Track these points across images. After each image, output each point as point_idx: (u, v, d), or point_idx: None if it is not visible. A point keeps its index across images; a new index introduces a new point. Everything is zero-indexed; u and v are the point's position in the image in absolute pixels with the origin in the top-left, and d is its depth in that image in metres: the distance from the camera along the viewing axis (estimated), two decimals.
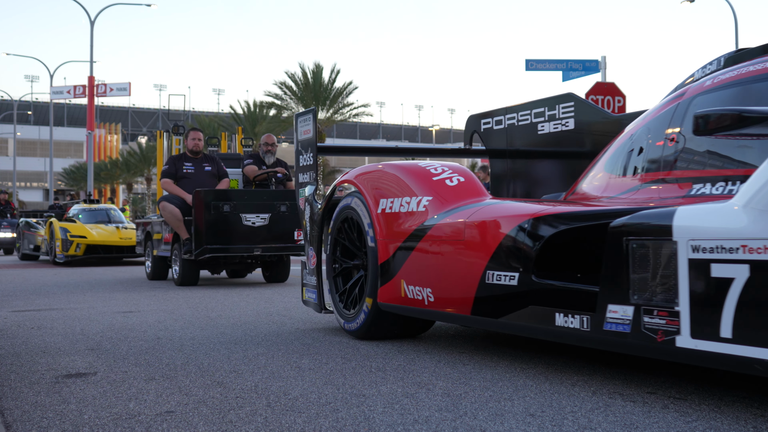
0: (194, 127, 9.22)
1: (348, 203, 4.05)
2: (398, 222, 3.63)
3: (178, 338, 4.08)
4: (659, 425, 2.17)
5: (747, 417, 2.25)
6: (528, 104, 4.86)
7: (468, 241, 3.18)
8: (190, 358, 3.44)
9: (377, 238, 3.72)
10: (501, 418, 2.28)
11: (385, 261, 3.67)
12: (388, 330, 3.85)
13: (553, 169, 4.86)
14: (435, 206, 3.49)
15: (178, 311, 5.49)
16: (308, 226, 4.52)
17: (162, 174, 8.56)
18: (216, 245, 7.74)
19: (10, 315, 5.40)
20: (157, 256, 9.12)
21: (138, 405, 2.53)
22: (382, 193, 3.80)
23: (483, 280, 3.06)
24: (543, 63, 20.30)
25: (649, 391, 2.61)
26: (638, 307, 2.38)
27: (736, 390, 2.59)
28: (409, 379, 2.89)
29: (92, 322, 4.89)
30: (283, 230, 8.00)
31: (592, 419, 2.26)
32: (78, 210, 15.26)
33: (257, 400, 2.56)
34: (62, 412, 2.45)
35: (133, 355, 3.55)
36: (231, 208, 7.80)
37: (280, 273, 8.57)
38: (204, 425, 2.26)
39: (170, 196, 8.27)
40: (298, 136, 4.74)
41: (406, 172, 3.78)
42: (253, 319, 4.95)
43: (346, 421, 2.28)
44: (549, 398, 2.53)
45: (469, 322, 3.24)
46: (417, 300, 3.47)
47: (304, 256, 4.63)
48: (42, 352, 3.66)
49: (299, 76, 35.77)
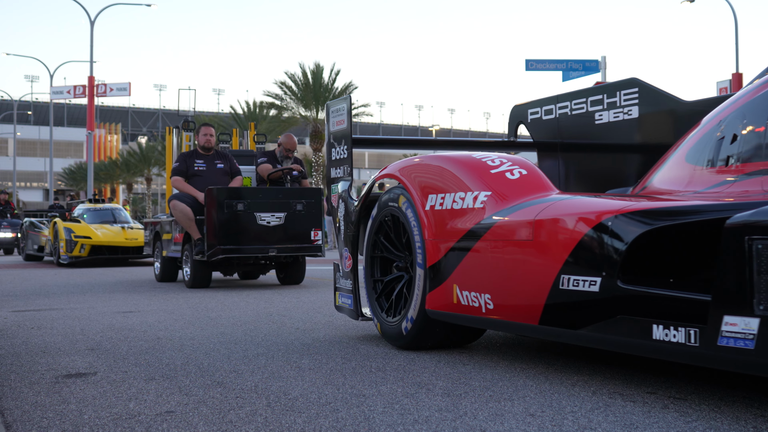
0: (206, 123, 8.68)
1: (390, 199, 3.72)
2: (451, 220, 3.28)
3: (178, 338, 4.08)
4: (659, 425, 2.17)
5: (747, 417, 2.24)
6: (583, 91, 4.43)
7: (538, 242, 2.82)
8: (190, 358, 3.44)
9: (425, 237, 3.38)
10: (501, 418, 2.28)
11: (434, 263, 3.33)
12: (436, 339, 3.52)
13: (612, 162, 4.38)
14: (494, 202, 3.14)
15: (178, 311, 5.49)
16: (342, 225, 4.15)
17: (172, 171, 8.18)
18: (229, 245, 7.40)
19: (10, 315, 5.40)
20: (167, 257, 8.76)
21: (138, 405, 2.53)
22: (431, 188, 3.45)
23: (556, 285, 2.71)
24: (543, 63, 20.32)
25: (649, 391, 2.61)
26: (765, 319, 2.05)
27: (736, 390, 2.59)
28: (409, 379, 2.89)
29: (92, 322, 4.89)
30: (299, 230, 7.68)
31: (592, 419, 2.26)
32: (83, 210, 14.94)
33: (257, 400, 2.56)
34: (62, 412, 2.45)
35: (133, 355, 3.55)
36: (245, 206, 7.45)
37: (295, 274, 8.18)
38: (204, 425, 2.26)
39: (181, 194, 7.93)
40: (330, 127, 4.33)
41: (460, 164, 3.40)
42: (253, 319, 4.95)
43: (346, 421, 2.28)
44: (549, 398, 2.53)
45: (537, 332, 2.87)
46: (472, 307, 3.14)
47: (337, 257, 4.27)
48: (42, 352, 3.66)
49: (299, 76, 35.72)
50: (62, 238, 13.18)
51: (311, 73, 35.83)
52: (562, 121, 4.52)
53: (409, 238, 3.54)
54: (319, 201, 7.87)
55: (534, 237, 2.84)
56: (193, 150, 8.41)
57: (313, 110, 34.49)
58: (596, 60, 20.06)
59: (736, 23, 24.30)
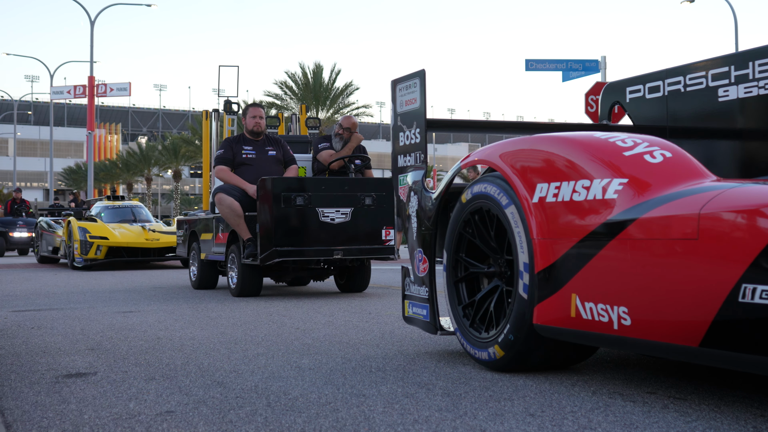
0: (254, 103, 7.39)
1: (481, 190, 3.10)
2: (569, 215, 2.68)
3: (178, 338, 4.08)
4: (659, 425, 2.17)
5: (747, 417, 2.24)
6: (702, 63, 3.74)
7: (705, 242, 2.26)
8: (190, 358, 3.44)
9: (533, 236, 2.77)
10: (501, 418, 2.28)
11: (545, 268, 2.73)
12: (537, 360, 2.92)
13: (741, 149, 3.70)
14: (632, 192, 2.52)
15: (178, 311, 5.49)
16: (415, 223, 3.56)
17: (215, 160, 7.00)
18: (288, 247, 6.24)
19: (10, 315, 5.40)
20: (206, 261, 7.62)
21: (138, 405, 2.53)
22: (540, 176, 2.83)
23: (733, 297, 2.16)
24: (543, 63, 20.31)
25: (649, 391, 2.61)
26: None
27: (736, 390, 2.59)
28: (409, 379, 2.89)
29: (92, 322, 4.89)
30: (368, 228, 6.52)
31: (592, 419, 2.25)
32: (100, 208, 13.71)
33: (257, 400, 2.56)
34: (62, 412, 2.45)
35: (133, 355, 3.55)
36: (305, 200, 6.30)
37: (359, 281, 7.08)
38: (204, 425, 2.26)
39: (228, 186, 6.74)
40: (398, 108, 3.70)
41: (580, 146, 2.76)
42: (253, 319, 4.95)
43: (346, 421, 2.28)
44: (549, 398, 2.53)
45: (697, 356, 2.30)
46: (599, 322, 2.55)
47: (408, 261, 3.64)
48: (42, 352, 3.66)
49: (299, 76, 35.79)
50: (77, 239, 12.00)
51: (311, 73, 35.90)
52: (673, 99, 3.87)
53: (508, 237, 2.94)
54: (390, 194, 6.57)
55: (699, 235, 2.28)
56: (239, 135, 7.19)
57: (314, 110, 34.51)
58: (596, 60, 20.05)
59: (736, 23, 24.31)
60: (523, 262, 2.82)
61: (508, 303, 2.97)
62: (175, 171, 48.97)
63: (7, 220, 18.43)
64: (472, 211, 3.18)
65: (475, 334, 3.10)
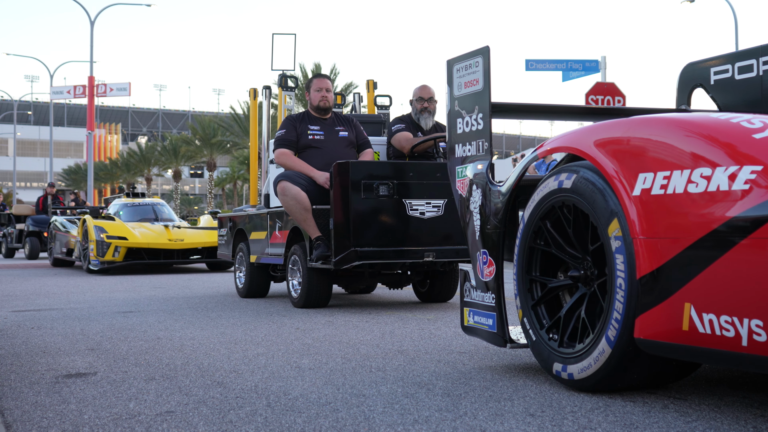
0: (320, 74, 6.15)
1: (563, 183, 2.70)
2: (682, 209, 2.26)
3: (178, 338, 4.08)
4: (659, 425, 2.17)
5: (747, 417, 2.25)
6: None
7: None
8: (190, 358, 3.44)
9: (633, 235, 2.38)
10: (501, 418, 2.28)
11: (649, 273, 2.33)
12: (634, 378, 2.53)
13: None
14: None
15: (178, 311, 5.49)
16: (478, 220, 3.14)
17: (276, 142, 5.80)
18: (370, 248, 5.09)
19: (10, 315, 5.40)
20: (256, 265, 6.47)
21: (138, 405, 2.53)
22: (643, 164, 2.41)
23: None
24: (543, 63, 20.31)
25: (649, 391, 2.61)
26: None
27: (736, 390, 2.59)
28: (409, 379, 2.89)
29: (92, 322, 4.89)
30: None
31: (592, 419, 2.25)
32: (118, 206, 12.61)
33: (257, 400, 2.56)
34: (62, 412, 2.45)
35: (133, 355, 3.55)
36: (390, 190, 5.15)
37: (445, 288, 5.91)
38: (204, 425, 2.26)
39: (292, 173, 5.59)
40: (455, 91, 3.30)
41: (695, 128, 2.33)
42: (253, 319, 4.95)
43: (346, 421, 2.28)
44: (549, 398, 2.53)
45: None
46: (722, 337, 2.16)
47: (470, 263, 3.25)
48: (42, 352, 3.66)
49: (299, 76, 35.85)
50: (92, 239, 10.74)
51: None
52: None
53: (600, 235, 2.54)
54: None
55: None
56: (303, 112, 5.99)
57: None
58: (596, 60, 20.05)
59: (736, 23, 24.31)
60: (619, 267, 2.43)
61: (598, 312, 2.61)
62: (175, 171, 49.01)
63: (41, 219, 15.95)
64: (551, 208, 2.78)
65: (560, 350, 2.70)
